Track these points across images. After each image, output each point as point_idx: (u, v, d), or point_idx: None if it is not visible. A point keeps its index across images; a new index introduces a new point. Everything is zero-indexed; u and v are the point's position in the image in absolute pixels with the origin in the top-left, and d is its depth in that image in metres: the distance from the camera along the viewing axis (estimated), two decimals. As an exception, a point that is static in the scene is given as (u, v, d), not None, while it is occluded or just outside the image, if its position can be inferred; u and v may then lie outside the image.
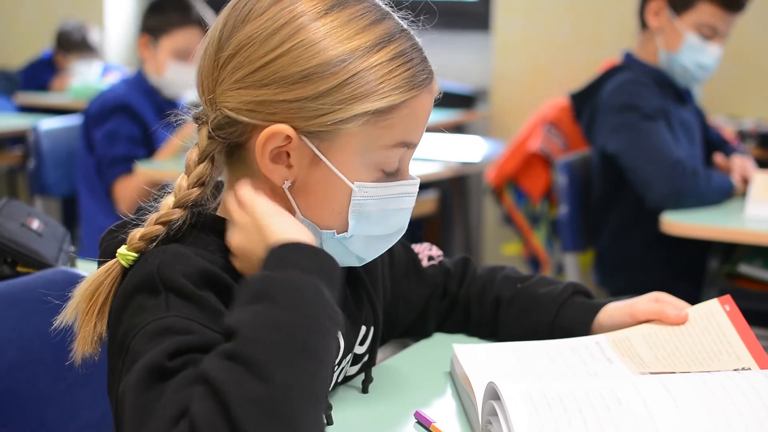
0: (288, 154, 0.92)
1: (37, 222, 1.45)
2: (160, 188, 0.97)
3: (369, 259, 1.01)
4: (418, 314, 1.23)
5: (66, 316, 0.90)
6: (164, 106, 2.84)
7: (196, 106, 0.96)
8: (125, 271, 0.91)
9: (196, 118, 0.94)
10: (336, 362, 1.01)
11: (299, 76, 0.89)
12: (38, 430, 1.18)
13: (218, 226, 0.95)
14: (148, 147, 2.79)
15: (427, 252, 1.25)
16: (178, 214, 0.91)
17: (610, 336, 1.15)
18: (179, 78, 2.78)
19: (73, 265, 1.48)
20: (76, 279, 0.94)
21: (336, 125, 0.90)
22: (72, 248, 1.50)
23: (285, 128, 0.90)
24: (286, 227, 0.88)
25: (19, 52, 5.23)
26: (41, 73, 4.82)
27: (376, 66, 0.90)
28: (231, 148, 0.95)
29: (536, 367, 1.08)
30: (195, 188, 0.92)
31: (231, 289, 0.89)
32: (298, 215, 0.94)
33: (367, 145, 0.92)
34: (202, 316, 0.84)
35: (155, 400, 0.76)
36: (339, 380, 1.07)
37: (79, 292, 0.91)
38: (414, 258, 1.23)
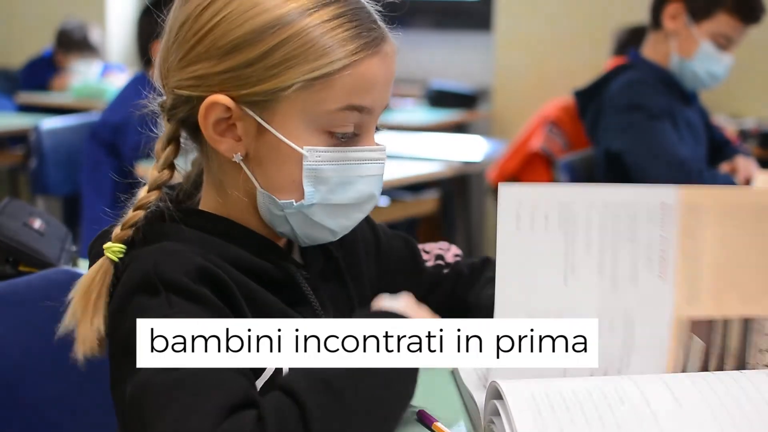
0: (235, 127, 0.93)
1: (39, 221, 1.45)
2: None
3: (342, 232, 0.99)
4: None
5: (67, 321, 0.91)
6: None
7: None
8: (116, 267, 0.91)
9: (161, 107, 0.97)
10: None
11: (230, 47, 0.90)
12: (40, 430, 1.18)
13: (202, 220, 0.96)
14: None
15: (437, 251, 1.21)
16: (153, 196, 0.93)
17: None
18: None
19: (74, 264, 1.48)
20: (77, 278, 0.94)
21: (273, 93, 0.90)
22: (74, 247, 1.50)
23: (222, 98, 0.91)
24: None
25: (20, 51, 5.23)
26: (41, 72, 4.81)
27: (306, 30, 0.90)
28: (194, 131, 0.96)
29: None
30: (165, 170, 0.94)
31: (226, 285, 0.89)
32: (259, 189, 0.94)
33: (310, 110, 0.91)
34: (204, 313, 0.85)
35: (191, 375, 0.79)
36: None
37: (74, 294, 0.91)
38: (414, 254, 1.19)
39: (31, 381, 1.17)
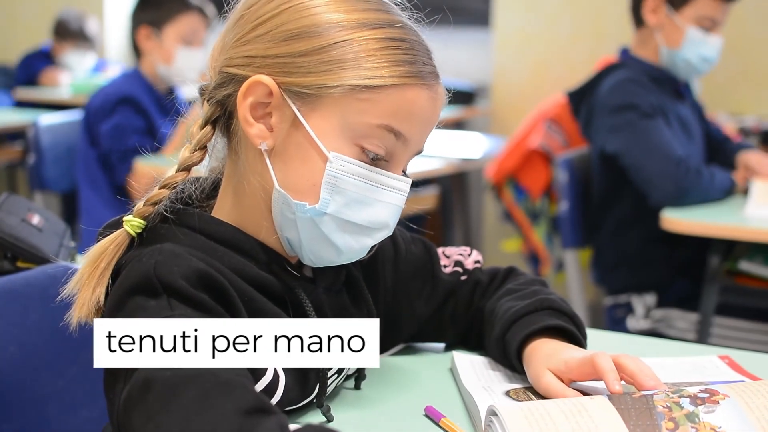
0: (271, 116, 0.93)
1: (38, 217, 1.45)
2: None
3: (347, 254, 0.96)
4: (426, 319, 1.17)
5: (71, 285, 0.91)
6: (163, 100, 2.85)
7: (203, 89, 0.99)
8: (131, 242, 0.92)
9: (202, 90, 0.97)
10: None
11: (290, 34, 0.91)
12: (38, 426, 1.18)
13: (210, 226, 0.95)
14: (153, 140, 2.80)
15: (456, 257, 1.19)
16: (181, 176, 0.94)
17: None
18: (189, 62, 2.85)
19: (73, 260, 1.48)
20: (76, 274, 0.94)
21: (319, 89, 0.91)
22: (72, 243, 1.50)
23: (267, 80, 0.91)
24: None
25: (18, 47, 5.22)
26: (35, 63, 4.79)
27: (367, 40, 0.91)
28: (227, 120, 0.96)
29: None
30: (197, 152, 0.95)
31: (226, 291, 0.89)
32: (276, 187, 0.93)
33: (349, 117, 0.91)
34: (204, 318, 0.84)
35: (198, 373, 0.79)
36: (340, 382, 1.06)
37: (83, 260, 0.92)
38: (432, 260, 1.17)
39: (28, 376, 1.17)
